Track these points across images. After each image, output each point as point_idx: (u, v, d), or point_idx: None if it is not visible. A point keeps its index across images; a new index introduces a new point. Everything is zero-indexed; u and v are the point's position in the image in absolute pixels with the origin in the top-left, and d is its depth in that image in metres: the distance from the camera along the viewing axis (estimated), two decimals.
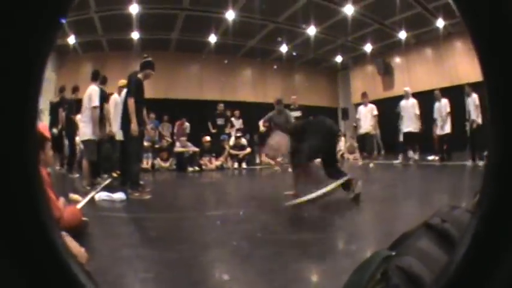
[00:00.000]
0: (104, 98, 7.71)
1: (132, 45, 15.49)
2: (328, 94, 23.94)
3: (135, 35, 15.22)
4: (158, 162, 12.78)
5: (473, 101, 11.11)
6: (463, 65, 16.81)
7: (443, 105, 12.06)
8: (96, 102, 7.13)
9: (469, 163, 10.75)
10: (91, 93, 7.24)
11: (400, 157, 12.96)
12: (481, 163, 10.36)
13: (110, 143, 8.44)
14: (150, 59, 6.74)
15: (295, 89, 21.37)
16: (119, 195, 5.71)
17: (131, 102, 6.18)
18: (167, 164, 12.79)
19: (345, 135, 17.99)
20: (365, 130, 12.58)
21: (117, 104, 7.33)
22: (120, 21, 13.56)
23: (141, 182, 6.67)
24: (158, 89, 15.33)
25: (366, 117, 12.67)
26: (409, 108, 12.62)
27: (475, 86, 11.43)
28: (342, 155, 16.52)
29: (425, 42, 19.27)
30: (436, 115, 12.32)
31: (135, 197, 5.92)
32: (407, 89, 13.23)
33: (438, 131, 12.23)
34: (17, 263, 0.55)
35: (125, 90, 6.65)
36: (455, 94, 12.75)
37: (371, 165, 11.91)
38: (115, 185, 7.19)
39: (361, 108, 13.05)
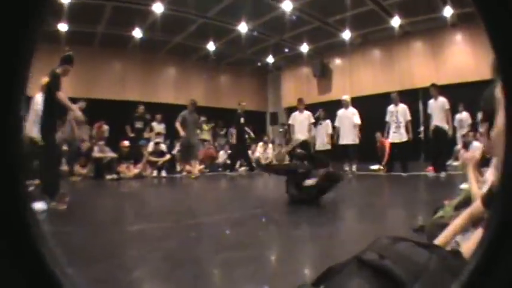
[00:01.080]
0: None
1: (60, 38, 14.99)
2: (257, 97, 23.99)
3: (63, 27, 14.86)
4: (76, 168, 12.52)
5: (440, 104, 10.91)
6: (420, 68, 17.16)
7: (401, 111, 11.76)
8: None
9: (429, 174, 10.79)
10: None
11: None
12: (443, 174, 10.44)
13: (31, 148, 8.34)
14: (70, 53, 6.71)
15: (220, 91, 21.61)
16: (40, 206, 5.71)
17: (60, 95, 6.22)
18: (85, 171, 12.59)
19: (273, 142, 18.26)
20: (303, 137, 12.55)
21: (38, 104, 7.19)
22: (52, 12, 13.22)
23: (62, 191, 6.58)
24: (79, 88, 15.06)
25: (302, 124, 12.68)
26: (347, 118, 12.59)
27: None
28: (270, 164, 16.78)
29: (374, 43, 19.15)
30: (388, 119, 12.03)
31: (53, 206, 5.94)
32: (345, 97, 13.05)
33: (391, 138, 11.93)
34: (2, 270, 0.59)
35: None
36: (407, 99, 12.74)
37: None
38: (36, 194, 7.07)
39: (296, 114, 12.99)
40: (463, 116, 14.12)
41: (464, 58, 15.94)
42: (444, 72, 16.38)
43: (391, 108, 12.01)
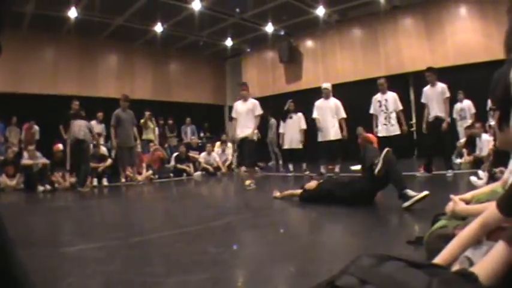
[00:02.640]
0: None
1: None
2: (213, 88, 24.06)
3: None
4: (3, 179, 12.35)
5: (440, 91, 10.68)
6: (410, 49, 17.14)
7: (390, 99, 11.50)
8: None
9: (419, 174, 10.72)
10: None
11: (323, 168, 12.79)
12: (449, 173, 10.36)
13: None
14: None
15: (170, 82, 21.44)
16: None
17: None
18: (14, 182, 12.45)
19: (233, 142, 18.11)
20: (243, 134, 11.49)
21: None
22: None
23: None
24: (4, 81, 14.70)
25: (247, 117, 11.50)
26: (329, 110, 12.40)
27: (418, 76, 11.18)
28: (229, 166, 16.83)
29: (353, 20, 19.02)
30: (374, 110, 11.76)
31: None
32: (326, 85, 12.74)
33: (380, 131, 11.52)
34: None
35: None
36: (396, 86, 12.76)
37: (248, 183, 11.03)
38: None
39: (239, 104, 11.78)
40: (464, 105, 14.10)
41: (470, 36, 15.88)
42: (442, 53, 16.38)
43: (377, 97, 11.80)
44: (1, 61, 6.42)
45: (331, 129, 12.40)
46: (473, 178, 7.84)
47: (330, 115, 12.46)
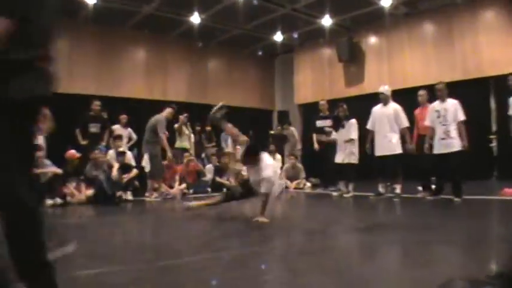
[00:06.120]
0: None
1: None
2: (260, 90, 23.98)
3: None
4: None
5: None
6: (493, 48, 16.38)
7: (450, 109, 11.20)
8: None
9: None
10: None
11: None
12: None
13: None
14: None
15: (208, 82, 21.39)
16: None
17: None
18: None
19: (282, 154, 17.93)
20: None
21: None
22: None
23: None
24: None
25: None
26: (386, 118, 12.20)
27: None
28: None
29: (425, 13, 18.67)
30: (431, 122, 11.54)
31: None
32: (384, 88, 12.58)
33: (438, 149, 11.25)
34: None
35: None
36: (474, 91, 13.35)
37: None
38: None
39: None
40: None
41: None
42: None
43: (435, 105, 11.62)
44: None
45: (387, 142, 12.10)
46: None
47: (388, 125, 12.19)
